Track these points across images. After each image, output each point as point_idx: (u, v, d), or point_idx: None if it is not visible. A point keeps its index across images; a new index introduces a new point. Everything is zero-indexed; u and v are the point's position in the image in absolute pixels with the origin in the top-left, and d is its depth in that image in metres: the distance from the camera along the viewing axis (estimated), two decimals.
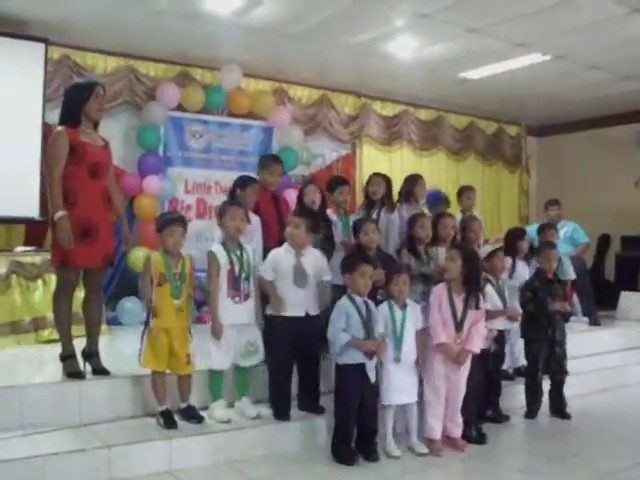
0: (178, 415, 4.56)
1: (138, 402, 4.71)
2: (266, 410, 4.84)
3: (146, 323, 4.52)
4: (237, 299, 4.66)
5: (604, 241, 11.31)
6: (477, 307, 4.88)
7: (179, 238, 4.61)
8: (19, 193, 7.07)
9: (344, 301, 4.59)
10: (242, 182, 5.53)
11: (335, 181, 6.11)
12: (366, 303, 4.62)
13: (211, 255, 4.68)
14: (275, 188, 5.86)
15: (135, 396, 4.71)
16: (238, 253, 4.71)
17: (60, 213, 4.53)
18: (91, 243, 4.66)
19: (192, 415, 4.58)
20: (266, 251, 5.15)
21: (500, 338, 5.47)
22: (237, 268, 4.67)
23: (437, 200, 7.03)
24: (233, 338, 4.65)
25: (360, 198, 8.39)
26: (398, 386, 4.68)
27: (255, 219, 5.41)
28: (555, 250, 5.89)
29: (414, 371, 4.80)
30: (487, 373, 5.27)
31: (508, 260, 6.12)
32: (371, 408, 4.60)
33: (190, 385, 4.63)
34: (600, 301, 8.64)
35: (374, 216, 5.91)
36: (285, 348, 4.77)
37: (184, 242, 4.67)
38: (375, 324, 4.61)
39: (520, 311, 5.65)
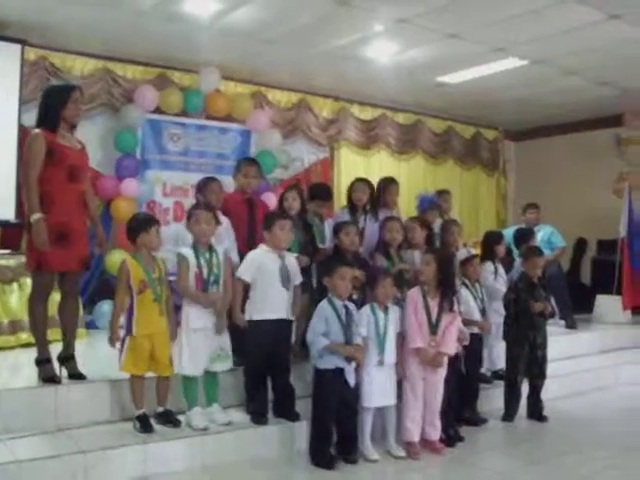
0: (155, 419, 4.53)
1: (114, 407, 4.67)
2: (238, 416, 4.82)
3: (127, 330, 4.43)
4: None
5: (580, 245, 11.40)
6: (451, 310, 4.90)
7: (160, 238, 4.61)
8: None
9: (324, 305, 4.59)
10: (198, 185, 5.57)
11: (317, 193, 5.98)
12: (346, 307, 4.62)
13: (180, 257, 4.62)
14: (250, 190, 5.81)
15: (111, 401, 4.67)
16: (207, 256, 4.65)
17: (36, 215, 4.48)
18: (67, 246, 4.62)
19: (169, 419, 4.55)
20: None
21: (476, 341, 5.49)
22: (205, 271, 4.61)
23: (429, 205, 6.98)
24: (203, 343, 4.58)
25: (338, 201, 8.40)
26: (380, 389, 4.69)
27: (225, 220, 5.37)
28: (542, 257, 5.93)
29: (393, 374, 4.81)
30: (462, 375, 5.28)
31: (489, 264, 6.16)
32: (351, 412, 4.61)
33: (168, 389, 4.60)
34: (576, 304, 8.69)
35: (360, 222, 5.89)
36: (263, 351, 4.74)
37: None
38: (355, 328, 4.62)
39: (490, 325, 5.67)
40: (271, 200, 7.64)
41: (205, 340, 4.59)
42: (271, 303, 4.74)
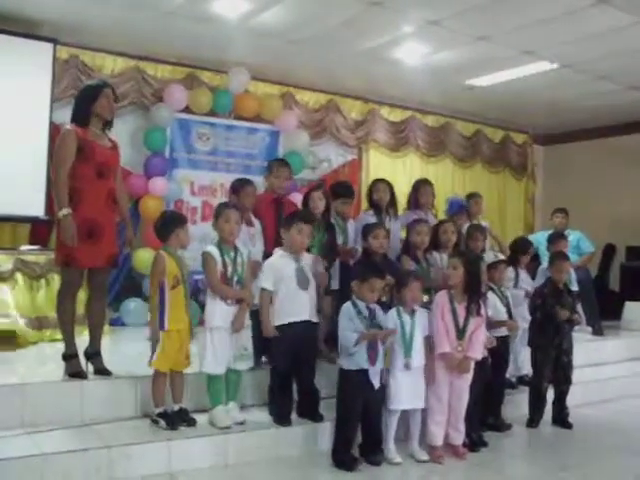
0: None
1: (139, 403, 4.70)
2: (261, 415, 4.83)
3: (160, 325, 4.43)
4: (229, 301, 4.60)
5: (609, 251, 11.28)
6: (478, 314, 4.87)
7: (189, 236, 4.68)
8: (25, 192, 7.08)
9: (348, 306, 4.58)
10: (234, 187, 5.53)
11: (340, 191, 5.99)
12: (369, 309, 4.60)
13: (206, 254, 4.61)
14: (282, 192, 5.83)
15: (136, 397, 4.71)
16: (232, 255, 4.65)
17: (64, 211, 4.54)
18: (95, 243, 4.67)
19: (184, 418, 4.53)
20: (265, 256, 5.13)
21: (503, 345, 5.45)
22: (229, 270, 4.61)
23: (458, 209, 6.90)
24: (227, 341, 4.59)
25: (365, 203, 8.38)
26: (406, 392, 4.67)
27: (257, 222, 5.41)
28: (567, 262, 5.89)
29: (422, 377, 4.78)
30: (487, 380, 5.25)
31: (510, 270, 6.12)
32: (375, 414, 4.60)
33: (183, 386, 4.60)
34: (604, 311, 8.60)
35: (386, 224, 5.88)
36: (287, 353, 4.74)
37: None
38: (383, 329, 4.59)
39: (518, 324, 5.64)
40: (297, 200, 7.64)
41: (228, 338, 4.59)
42: (290, 306, 4.73)
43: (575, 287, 6.99)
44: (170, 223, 4.62)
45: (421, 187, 6.52)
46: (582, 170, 11.60)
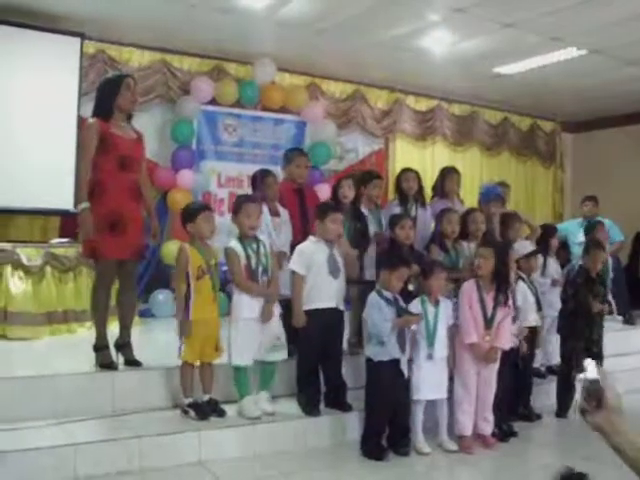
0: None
1: (169, 393, 4.75)
2: (290, 405, 4.84)
3: (185, 316, 4.45)
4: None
5: None
6: (506, 304, 4.85)
7: (214, 224, 4.64)
8: (55, 185, 7.16)
9: (375, 296, 4.59)
10: (255, 179, 5.54)
11: (369, 175, 6.05)
12: (395, 298, 4.61)
13: (229, 250, 4.60)
14: (302, 181, 5.83)
15: (166, 387, 4.75)
16: (254, 247, 4.64)
17: (83, 205, 4.59)
18: (119, 235, 4.68)
19: (214, 408, 4.56)
20: (292, 246, 5.14)
21: (532, 335, 5.41)
22: (253, 261, 4.59)
23: (495, 196, 6.55)
24: (257, 332, 4.58)
25: (392, 193, 8.36)
26: (429, 382, 4.67)
27: (284, 212, 5.42)
28: (603, 252, 5.82)
29: (445, 367, 4.78)
30: (517, 370, 5.22)
31: (539, 258, 6.07)
32: (404, 404, 4.61)
33: (212, 376, 4.62)
34: (634, 300, 8.52)
35: (412, 212, 5.87)
36: (316, 341, 4.75)
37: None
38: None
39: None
40: (324, 191, 7.64)
41: (257, 330, 4.59)
42: (319, 293, 4.74)
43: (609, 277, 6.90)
44: (183, 219, 4.64)
45: (448, 174, 6.48)
46: (611, 157, 11.44)
